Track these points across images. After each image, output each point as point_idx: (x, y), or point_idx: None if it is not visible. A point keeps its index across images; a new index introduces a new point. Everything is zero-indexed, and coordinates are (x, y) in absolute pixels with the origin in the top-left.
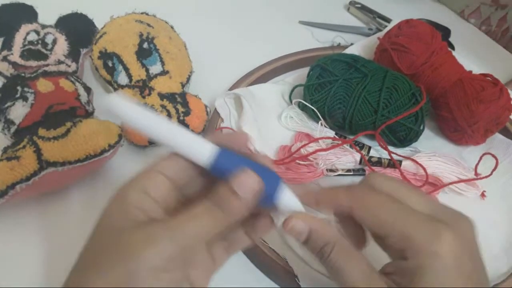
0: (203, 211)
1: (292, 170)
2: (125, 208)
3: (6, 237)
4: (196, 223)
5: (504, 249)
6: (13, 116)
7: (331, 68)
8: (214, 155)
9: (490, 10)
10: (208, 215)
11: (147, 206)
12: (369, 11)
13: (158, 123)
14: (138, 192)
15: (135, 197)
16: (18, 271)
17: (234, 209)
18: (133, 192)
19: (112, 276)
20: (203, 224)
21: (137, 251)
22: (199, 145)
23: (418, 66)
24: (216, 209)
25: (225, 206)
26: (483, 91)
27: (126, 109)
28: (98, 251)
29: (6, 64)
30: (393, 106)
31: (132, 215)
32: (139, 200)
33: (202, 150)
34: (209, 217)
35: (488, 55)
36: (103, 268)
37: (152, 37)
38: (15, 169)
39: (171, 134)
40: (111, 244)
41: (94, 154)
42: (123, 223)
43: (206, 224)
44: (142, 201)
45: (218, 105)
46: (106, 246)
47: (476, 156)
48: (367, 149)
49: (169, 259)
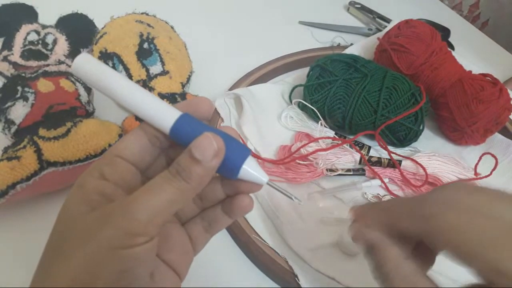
0: (161, 182)
1: (292, 170)
2: (83, 195)
3: (6, 236)
4: (157, 194)
5: None
6: (13, 116)
7: (331, 68)
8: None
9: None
10: (167, 186)
11: (108, 191)
12: (368, 12)
13: (123, 85)
14: (95, 178)
15: (93, 184)
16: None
17: (195, 176)
18: (91, 179)
19: (75, 261)
20: (163, 195)
21: (94, 232)
22: (163, 108)
23: (417, 66)
24: (176, 179)
25: (185, 174)
26: (482, 91)
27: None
28: (60, 240)
29: (7, 64)
30: (392, 106)
31: (91, 201)
32: (97, 186)
33: (166, 114)
34: (169, 188)
35: (488, 55)
36: (65, 255)
37: (152, 37)
38: (15, 169)
39: (135, 97)
40: (69, 230)
41: (94, 154)
42: (81, 209)
43: (167, 195)
44: (101, 186)
45: (218, 105)
46: (66, 233)
47: (476, 156)
48: (367, 149)
49: (128, 236)
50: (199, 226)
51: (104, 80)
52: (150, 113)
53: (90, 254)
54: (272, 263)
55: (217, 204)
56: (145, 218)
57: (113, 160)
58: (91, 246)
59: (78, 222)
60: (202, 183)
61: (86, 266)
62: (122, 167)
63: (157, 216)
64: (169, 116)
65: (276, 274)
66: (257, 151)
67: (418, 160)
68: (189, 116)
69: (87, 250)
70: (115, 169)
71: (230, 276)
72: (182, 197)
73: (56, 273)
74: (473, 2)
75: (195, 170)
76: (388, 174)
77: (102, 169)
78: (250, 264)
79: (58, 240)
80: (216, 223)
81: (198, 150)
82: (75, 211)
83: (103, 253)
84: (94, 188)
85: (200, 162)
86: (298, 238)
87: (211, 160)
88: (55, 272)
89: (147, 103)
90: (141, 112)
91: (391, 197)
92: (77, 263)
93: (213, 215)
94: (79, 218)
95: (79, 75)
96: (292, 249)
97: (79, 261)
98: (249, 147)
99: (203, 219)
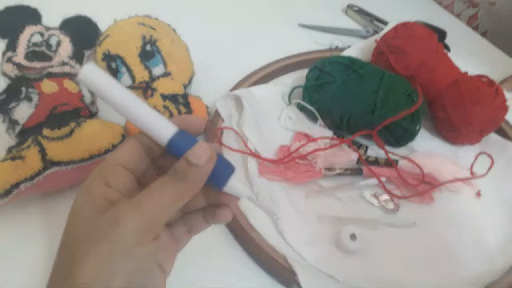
0: (164, 184)
1: (291, 169)
2: (91, 200)
3: (8, 236)
4: (160, 195)
5: (500, 247)
6: (17, 117)
7: (329, 70)
8: (174, 134)
9: (462, 7)
10: (169, 187)
11: (112, 196)
12: (366, 14)
13: (126, 99)
14: (101, 185)
15: (98, 190)
16: (19, 271)
17: (192, 177)
18: (97, 186)
19: (91, 262)
20: (165, 196)
21: (106, 233)
22: (162, 123)
23: (414, 67)
24: (175, 181)
25: (184, 176)
26: (478, 92)
27: (98, 84)
28: (74, 242)
29: (11, 65)
30: (389, 107)
31: (99, 206)
32: (103, 192)
33: (164, 128)
34: (171, 189)
35: (484, 56)
36: (81, 256)
37: (155, 40)
38: (19, 168)
39: (138, 111)
40: (82, 233)
41: (98, 154)
42: (91, 212)
43: (169, 196)
44: (106, 193)
45: (219, 106)
46: (79, 236)
47: (472, 155)
48: (365, 148)
49: (139, 234)
50: (182, 228)
51: (108, 92)
52: (151, 126)
53: (105, 254)
54: (272, 261)
55: (199, 211)
56: (151, 217)
57: (115, 169)
58: (105, 246)
59: (90, 224)
60: (197, 185)
61: (102, 266)
62: (123, 175)
63: (161, 215)
64: (167, 130)
65: (275, 272)
66: (257, 151)
67: (414, 160)
68: (184, 133)
69: (102, 250)
70: (117, 177)
71: (229, 274)
72: (181, 197)
73: (75, 274)
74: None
75: (191, 173)
76: (385, 173)
77: (106, 177)
78: (250, 262)
79: (72, 242)
80: (197, 227)
81: (194, 156)
82: (86, 214)
83: (117, 252)
84: (100, 194)
85: (196, 166)
86: (297, 236)
87: (205, 164)
88: (73, 273)
89: (148, 116)
90: (141, 125)
91: (388, 196)
92: (93, 263)
93: (195, 220)
94: (90, 220)
95: (85, 84)
96: (292, 247)
97: (95, 261)
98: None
99: (186, 223)
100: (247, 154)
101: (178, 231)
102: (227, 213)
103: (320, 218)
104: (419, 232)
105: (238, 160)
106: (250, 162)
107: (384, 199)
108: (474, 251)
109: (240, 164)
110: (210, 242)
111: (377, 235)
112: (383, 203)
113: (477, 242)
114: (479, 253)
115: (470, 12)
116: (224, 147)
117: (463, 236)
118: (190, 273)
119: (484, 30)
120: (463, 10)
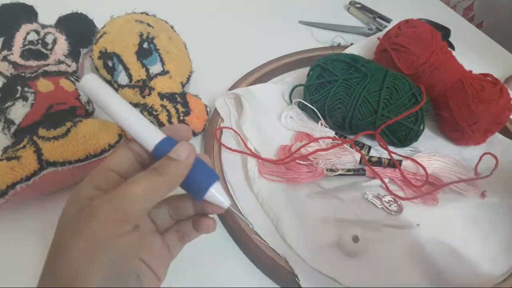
0: (140, 177)
1: (292, 170)
2: (78, 201)
3: (6, 237)
4: (135, 187)
5: (504, 249)
6: (13, 116)
7: (331, 68)
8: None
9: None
10: (145, 179)
11: (96, 197)
12: (369, 11)
13: (121, 108)
14: (90, 188)
15: (87, 192)
16: (18, 271)
17: (170, 171)
18: (86, 188)
19: (70, 255)
20: (140, 186)
21: (84, 226)
22: (150, 131)
23: (418, 66)
24: (152, 174)
25: (161, 170)
26: (483, 91)
27: (97, 93)
28: (59, 239)
29: (6, 64)
30: (393, 106)
31: (83, 204)
32: (90, 194)
33: (152, 136)
34: (147, 180)
35: (488, 55)
36: (63, 251)
37: (152, 37)
38: (15, 169)
39: (130, 121)
40: (65, 229)
41: (94, 154)
42: (75, 210)
43: (144, 186)
44: (94, 194)
45: (218, 105)
46: (62, 232)
47: (476, 156)
48: (367, 149)
49: (114, 224)
50: (175, 236)
51: (104, 102)
52: (139, 135)
53: (83, 247)
54: (272, 263)
55: (189, 219)
56: (126, 207)
57: (105, 172)
58: (83, 239)
59: (72, 221)
60: (175, 179)
61: (81, 259)
62: (114, 179)
63: (137, 205)
64: (155, 137)
65: (276, 274)
66: (257, 151)
67: (418, 160)
68: (170, 138)
69: (80, 243)
70: (107, 180)
71: (230, 276)
72: (156, 189)
73: (59, 268)
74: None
75: (170, 166)
76: (389, 174)
77: (96, 180)
78: (251, 265)
79: (57, 238)
80: (188, 235)
81: (174, 152)
82: (70, 213)
83: (94, 243)
84: (87, 195)
85: (175, 160)
86: (298, 238)
87: (185, 158)
88: (57, 267)
89: (138, 126)
90: (132, 133)
91: (391, 197)
92: (72, 256)
93: (186, 228)
94: (73, 217)
95: (83, 92)
96: (292, 249)
97: (74, 254)
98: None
99: (177, 230)
100: (247, 154)
101: (171, 238)
102: (210, 223)
103: (322, 219)
104: (423, 234)
105: (238, 161)
106: (250, 162)
107: (387, 200)
108: (478, 253)
109: (240, 164)
110: (211, 244)
111: (380, 237)
112: (386, 204)
113: (481, 244)
114: (484, 255)
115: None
116: (224, 147)
117: (467, 238)
118: (190, 274)
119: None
120: (458, 2)
